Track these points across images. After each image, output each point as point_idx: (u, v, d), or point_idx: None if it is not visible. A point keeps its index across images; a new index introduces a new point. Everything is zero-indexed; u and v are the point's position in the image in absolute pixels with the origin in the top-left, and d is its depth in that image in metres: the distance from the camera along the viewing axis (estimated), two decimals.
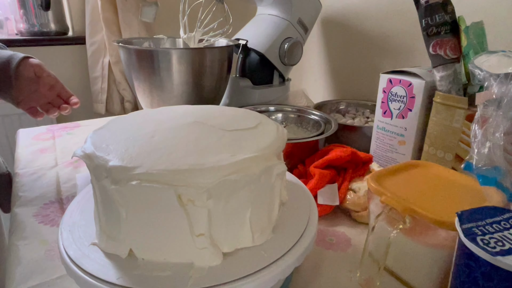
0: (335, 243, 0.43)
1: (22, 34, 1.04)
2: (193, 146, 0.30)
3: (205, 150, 0.29)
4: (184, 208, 0.27)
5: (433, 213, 0.30)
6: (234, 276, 0.27)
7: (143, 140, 0.31)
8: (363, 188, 0.48)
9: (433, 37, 0.47)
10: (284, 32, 0.78)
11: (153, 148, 0.30)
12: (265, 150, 0.31)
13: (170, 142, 0.31)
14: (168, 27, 1.09)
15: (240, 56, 0.84)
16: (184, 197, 0.27)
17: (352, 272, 0.38)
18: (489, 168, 0.33)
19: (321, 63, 1.03)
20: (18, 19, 1.05)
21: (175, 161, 0.28)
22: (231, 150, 0.30)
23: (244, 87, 0.81)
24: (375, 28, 0.84)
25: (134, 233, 0.28)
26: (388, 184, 0.35)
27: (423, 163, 0.41)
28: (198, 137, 0.32)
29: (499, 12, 0.60)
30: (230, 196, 0.28)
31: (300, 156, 0.56)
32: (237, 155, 0.29)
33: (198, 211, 0.27)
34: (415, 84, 0.52)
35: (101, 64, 1.11)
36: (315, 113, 0.70)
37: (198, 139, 0.31)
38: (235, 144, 0.31)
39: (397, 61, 0.80)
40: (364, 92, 0.89)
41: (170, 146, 0.30)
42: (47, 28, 1.06)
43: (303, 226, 0.33)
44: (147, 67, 0.65)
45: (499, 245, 0.23)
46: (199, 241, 0.28)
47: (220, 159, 0.28)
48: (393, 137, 0.57)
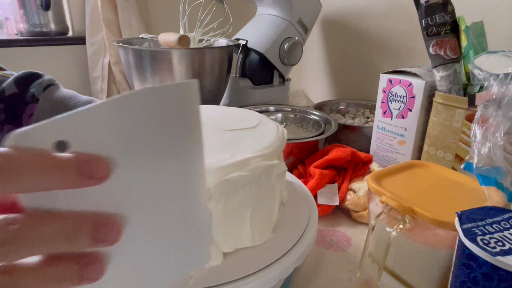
0: (335, 243, 0.43)
1: (22, 34, 1.04)
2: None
3: (205, 150, 0.29)
4: None
5: (433, 213, 0.30)
6: (235, 276, 0.27)
7: None
8: (363, 188, 0.48)
9: (433, 37, 0.47)
10: (284, 32, 0.78)
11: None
12: (265, 150, 0.31)
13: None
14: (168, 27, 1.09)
15: (240, 56, 0.84)
16: None
17: (352, 272, 0.38)
18: (489, 168, 0.33)
19: (321, 63, 1.03)
20: (18, 19, 1.05)
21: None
22: (231, 150, 0.30)
23: (244, 87, 0.81)
24: (375, 28, 0.84)
25: None
26: (388, 184, 0.35)
27: (423, 163, 0.41)
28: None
29: (499, 12, 0.60)
30: (230, 196, 0.28)
31: (300, 156, 0.56)
32: (237, 155, 0.29)
33: None
34: (415, 84, 0.52)
35: (101, 64, 1.11)
36: (315, 113, 0.70)
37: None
38: (235, 144, 0.31)
39: (397, 61, 0.80)
40: (364, 92, 0.89)
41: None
42: (47, 28, 1.06)
43: (303, 226, 0.33)
44: (147, 67, 0.65)
45: (499, 245, 0.23)
46: None
47: (220, 159, 0.28)
48: (393, 137, 0.57)
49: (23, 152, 0.14)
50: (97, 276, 0.16)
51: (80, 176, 0.15)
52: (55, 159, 0.14)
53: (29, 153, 0.14)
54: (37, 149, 0.14)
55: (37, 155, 0.14)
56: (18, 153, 0.14)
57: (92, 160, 0.15)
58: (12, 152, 0.14)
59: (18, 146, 0.14)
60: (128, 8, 1.07)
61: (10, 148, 0.14)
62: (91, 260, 0.16)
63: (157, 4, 1.20)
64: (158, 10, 1.20)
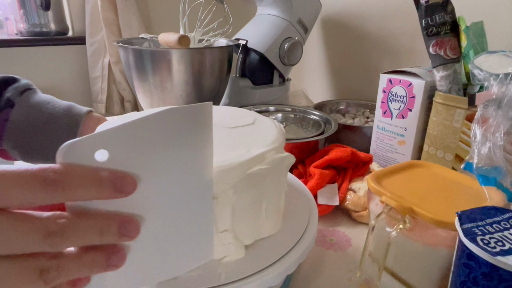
0: (335, 243, 0.43)
1: (22, 34, 1.04)
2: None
3: (219, 148, 0.30)
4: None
5: (433, 213, 0.30)
6: (259, 266, 0.28)
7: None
8: (363, 188, 0.48)
9: (433, 37, 0.47)
10: (284, 32, 0.78)
11: None
12: (274, 143, 0.32)
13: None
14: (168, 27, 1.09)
15: (240, 56, 0.84)
16: None
17: (352, 272, 0.38)
18: (489, 168, 0.33)
19: (321, 63, 1.03)
20: (18, 19, 1.05)
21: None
22: (245, 145, 0.31)
23: (244, 87, 0.81)
24: (375, 28, 0.84)
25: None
26: (388, 184, 0.35)
27: (423, 163, 0.41)
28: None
29: (499, 12, 0.60)
30: (250, 189, 0.29)
31: (300, 156, 0.56)
32: (252, 150, 0.30)
33: (222, 207, 0.27)
34: (415, 84, 0.52)
35: (101, 64, 1.11)
36: (315, 113, 0.70)
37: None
38: (244, 140, 0.32)
39: (397, 61, 0.80)
40: (364, 92, 0.89)
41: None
42: (47, 28, 1.06)
43: (303, 226, 0.33)
44: (147, 67, 0.65)
45: (499, 245, 0.23)
46: (223, 237, 0.28)
47: (238, 154, 0.28)
48: (393, 137, 0.57)
49: (71, 169, 0.18)
50: (119, 264, 0.20)
51: (113, 191, 0.19)
52: (95, 177, 0.18)
53: (76, 170, 0.18)
54: (82, 167, 0.18)
55: (82, 172, 0.18)
56: (67, 170, 0.18)
57: (123, 178, 0.19)
58: (62, 170, 0.17)
59: (68, 163, 0.18)
60: (128, 8, 1.07)
61: (61, 164, 0.18)
62: (115, 250, 0.20)
63: (157, 4, 1.20)
64: (158, 10, 1.20)
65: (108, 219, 0.19)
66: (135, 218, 0.20)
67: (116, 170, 0.19)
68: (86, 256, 0.19)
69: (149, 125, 0.19)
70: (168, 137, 0.20)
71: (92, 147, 0.18)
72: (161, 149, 0.20)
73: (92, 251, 0.19)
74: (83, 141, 0.18)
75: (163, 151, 0.20)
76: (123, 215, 0.20)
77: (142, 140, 0.19)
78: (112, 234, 0.19)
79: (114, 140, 0.19)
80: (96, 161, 0.18)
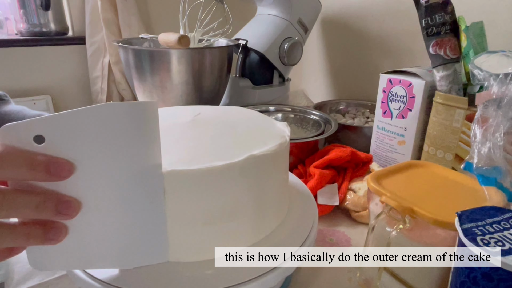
0: (335, 243, 0.43)
1: (22, 34, 1.04)
2: (222, 142, 0.31)
3: (239, 143, 0.30)
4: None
5: (433, 213, 0.30)
6: (234, 281, 0.27)
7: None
8: (363, 188, 0.48)
9: (433, 37, 0.47)
10: (284, 32, 0.78)
11: (186, 147, 0.29)
12: (283, 136, 0.32)
13: (195, 142, 0.31)
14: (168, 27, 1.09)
15: (240, 56, 0.84)
16: None
17: (352, 272, 0.38)
18: (489, 168, 0.33)
19: (321, 63, 1.03)
20: (18, 19, 1.05)
21: (225, 157, 0.27)
22: (260, 139, 0.31)
23: (244, 87, 0.81)
24: (375, 28, 0.84)
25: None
26: (388, 184, 0.35)
27: (423, 163, 0.41)
28: (215, 134, 0.32)
29: (499, 12, 0.60)
30: (267, 180, 0.29)
31: (300, 156, 0.56)
32: (268, 143, 0.30)
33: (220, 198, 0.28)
34: (415, 84, 0.52)
35: (101, 64, 1.11)
36: (315, 113, 0.70)
37: (218, 136, 0.32)
38: (253, 135, 0.33)
39: (397, 61, 0.80)
40: (364, 92, 0.89)
41: (201, 145, 0.30)
42: (47, 28, 1.06)
43: (303, 226, 0.33)
44: (147, 67, 0.65)
45: (499, 245, 0.23)
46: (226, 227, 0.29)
47: (261, 149, 0.29)
48: (393, 137, 0.57)
49: (6, 150, 0.19)
50: (56, 239, 0.22)
51: (47, 174, 0.20)
52: (29, 158, 0.20)
53: (11, 151, 0.19)
54: (18, 148, 0.20)
55: (17, 153, 0.19)
56: (2, 150, 0.19)
57: (57, 162, 0.20)
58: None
59: (5, 144, 0.19)
60: (128, 8, 1.07)
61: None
62: (54, 226, 0.22)
63: (157, 4, 1.20)
64: (158, 10, 1.20)
65: (45, 196, 0.21)
66: (74, 199, 0.22)
67: (51, 156, 0.20)
68: (22, 227, 0.21)
69: (87, 116, 0.21)
70: (107, 129, 0.21)
71: (30, 131, 0.20)
72: (101, 139, 0.21)
73: (31, 224, 0.21)
74: (21, 124, 0.19)
75: (103, 141, 0.21)
76: (62, 194, 0.21)
77: (80, 129, 0.21)
78: (48, 210, 0.21)
79: (52, 126, 0.20)
80: (34, 145, 0.20)
